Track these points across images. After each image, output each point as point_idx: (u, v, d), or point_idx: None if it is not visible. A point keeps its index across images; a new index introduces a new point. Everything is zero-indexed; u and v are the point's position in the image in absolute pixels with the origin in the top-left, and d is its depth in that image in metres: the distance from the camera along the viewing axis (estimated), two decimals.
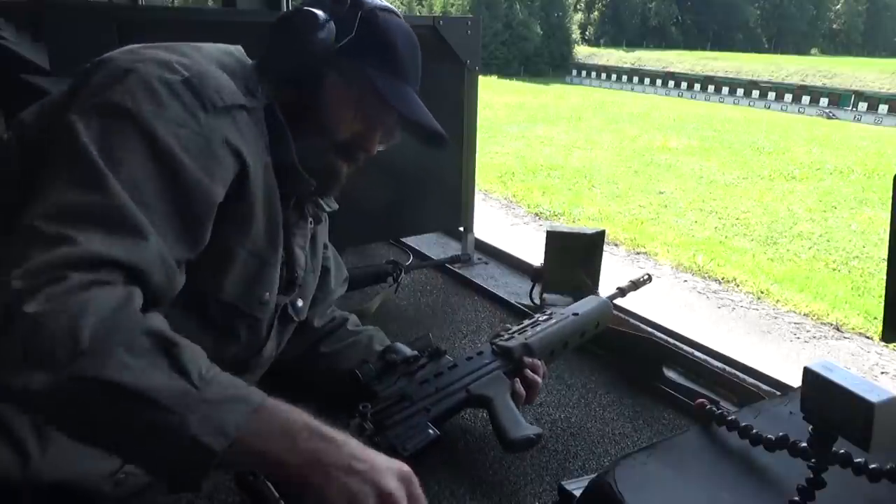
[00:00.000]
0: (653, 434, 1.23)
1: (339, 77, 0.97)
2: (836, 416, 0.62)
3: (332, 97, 0.97)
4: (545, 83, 30.12)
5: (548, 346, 1.23)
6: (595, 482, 0.75)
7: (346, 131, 0.99)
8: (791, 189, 10.05)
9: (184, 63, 0.85)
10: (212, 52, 0.93)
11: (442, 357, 1.13)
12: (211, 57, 0.92)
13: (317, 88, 0.97)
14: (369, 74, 0.96)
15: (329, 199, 1.20)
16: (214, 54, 0.93)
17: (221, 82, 0.87)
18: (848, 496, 0.69)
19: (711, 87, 25.74)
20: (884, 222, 7.44)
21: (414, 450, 0.97)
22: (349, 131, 0.99)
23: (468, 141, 2.04)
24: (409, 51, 1.01)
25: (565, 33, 40.31)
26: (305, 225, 1.10)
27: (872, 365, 4.82)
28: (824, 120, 20.24)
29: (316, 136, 0.98)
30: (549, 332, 1.24)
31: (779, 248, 7.28)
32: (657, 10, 53.90)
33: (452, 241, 2.34)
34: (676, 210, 8.73)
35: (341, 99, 0.97)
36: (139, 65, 0.82)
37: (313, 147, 0.98)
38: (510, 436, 1.07)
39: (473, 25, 1.94)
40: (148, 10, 2.67)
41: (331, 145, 0.99)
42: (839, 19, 60.03)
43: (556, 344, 1.25)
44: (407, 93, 1.00)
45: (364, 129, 1.00)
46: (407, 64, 1.00)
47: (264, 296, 0.98)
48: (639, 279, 1.44)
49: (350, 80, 0.97)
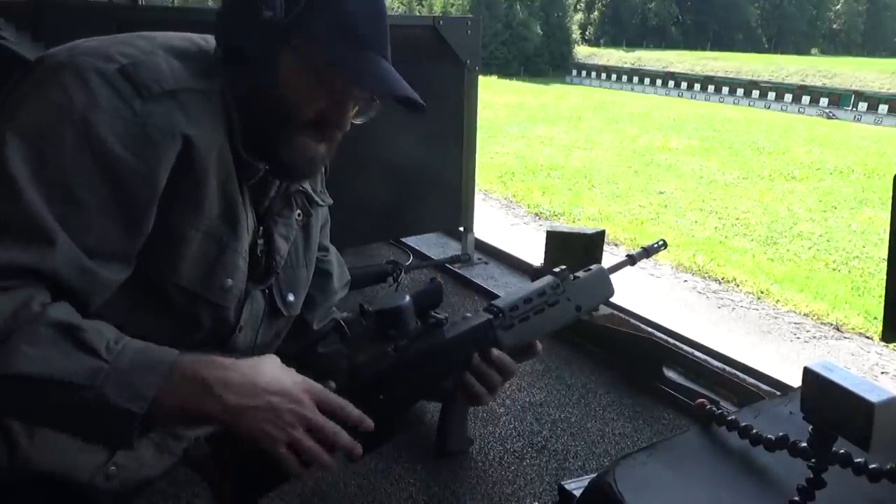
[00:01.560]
0: (653, 434, 1.23)
1: (293, 54, 0.90)
2: (836, 416, 0.62)
3: (288, 76, 0.90)
4: (545, 83, 30.11)
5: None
6: (595, 482, 0.75)
7: (311, 110, 0.92)
8: (791, 189, 10.05)
9: (123, 52, 0.85)
10: (164, 39, 0.92)
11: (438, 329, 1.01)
12: (159, 43, 0.90)
13: (271, 69, 0.91)
14: (324, 47, 0.89)
15: (323, 193, 1.19)
16: (166, 40, 0.92)
17: (161, 67, 0.85)
18: (848, 496, 0.69)
19: (711, 87, 25.71)
20: (884, 222, 7.44)
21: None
22: (314, 110, 0.92)
23: (468, 141, 2.04)
24: (369, 15, 0.92)
25: (565, 33, 40.29)
26: (291, 215, 1.08)
27: (872, 365, 4.82)
28: (824, 120, 20.23)
29: (279, 118, 0.92)
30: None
31: (779, 248, 7.28)
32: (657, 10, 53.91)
33: (452, 241, 2.34)
34: (676, 210, 8.73)
35: (298, 77, 0.90)
36: (75, 58, 0.83)
37: (279, 130, 0.93)
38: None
39: (473, 25, 1.94)
40: (148, 10, 2.67)
41: (298, 127, 0.93)
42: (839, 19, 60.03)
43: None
44: (369, 60, 0.91)
45: (331, 105, 0.93)
46: (367, 29, 0.92)
47: (226, 282, 0.96)
48: (651, 245, 1.25)
49: (305, 56, 0.89)
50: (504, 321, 1.03)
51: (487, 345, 1.02)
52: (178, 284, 0.91)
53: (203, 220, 0.91)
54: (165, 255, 0.89)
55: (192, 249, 0.91)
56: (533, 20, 37.03)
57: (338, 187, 1.29)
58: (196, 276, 0.92)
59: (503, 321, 1.03)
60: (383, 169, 1.84)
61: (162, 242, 0.87)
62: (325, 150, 0.97)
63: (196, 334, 0.97)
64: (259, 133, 0.94)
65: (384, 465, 1.08)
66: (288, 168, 0.98)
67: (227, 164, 0.93)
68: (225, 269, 0.95)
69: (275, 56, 0.90)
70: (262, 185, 1.01)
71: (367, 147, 1.76)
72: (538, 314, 1.06)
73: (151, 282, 0.89)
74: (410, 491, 1.04)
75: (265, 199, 1.03)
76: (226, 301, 0.97)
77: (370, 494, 1.03)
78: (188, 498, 0.99)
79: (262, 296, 1.06)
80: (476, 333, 1.01)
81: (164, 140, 0.83)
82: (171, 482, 1.01)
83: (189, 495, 0.99)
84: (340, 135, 0.97)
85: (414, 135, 1.89)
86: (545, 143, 13.44)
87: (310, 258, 1.16)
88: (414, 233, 2.21)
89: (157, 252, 0.87)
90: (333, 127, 0.95)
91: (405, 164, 1.90)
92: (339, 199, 1.27)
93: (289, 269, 1.11)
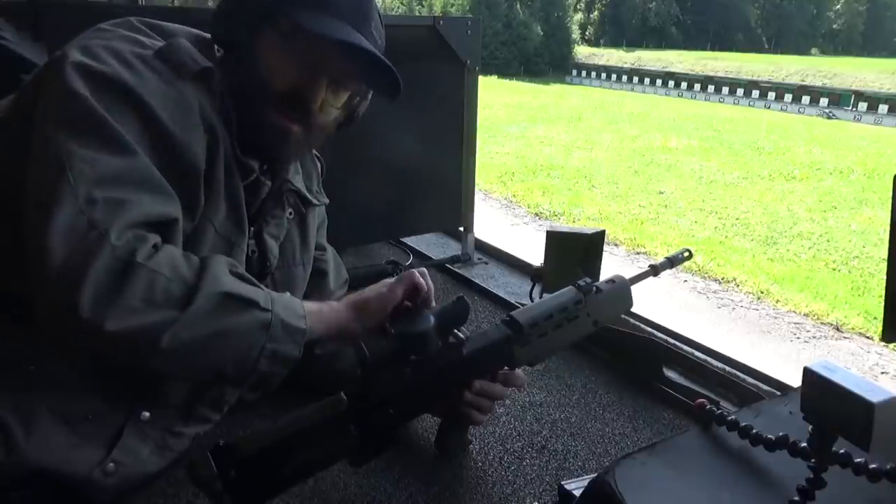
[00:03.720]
0: (653, 434, 1.22)
1: (271, 31, 0.93)
2: (836, 416, 0.62)
3: (263, 50, 0.93)
4: (545, 83, 30.11)
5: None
6: (595, 482, 0.74)
7: (283, 82, 0.93)
8: (791, 189, 10.05)
9: (145, 43, 0.88)
10: (173, 27, 0.96)
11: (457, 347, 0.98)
12: (175, 28, 0.96)
13: (253, 48, 0.94)
14: (296, 16, 0.91)
15: (319, 192, 1.19)
16: (176, 29, 0.96)
17: (191, 49, 0.90)
18: (848, 496, 0.69)
19: (711, 87, 25.72)
20: (884, 222, 7.43)
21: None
22: (286, 81, 0.93)
23: (468, 141, 2.04)
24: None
25: (565, 33, 40.26)
26: (282, 214, 1.09)
27: (872, 365, 4.82)
28: (824, 120, 20.24)
29: (255, 93, 0.94)
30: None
31: (779, 248, 7.28)
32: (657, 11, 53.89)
33: (452, 241, 2.34)
34: (676, 210, 8.73)
35: (272, 51, 0.93)
36: (111, 42, 0.85)
37: (254, 108, 0.94)
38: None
39: (473, 25, 1.94)
40: (148, 11, 2.67)
41: (270, 101, 0.94)
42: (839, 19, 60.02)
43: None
44: (337, 27, 0.92)
45: (303, 78, 0.94)
46: (342, 2, 0.93)
47: None
48: (676, 255, 1.19)
49: (281, 30, 0.93)
50: (522, 338, 1.00)
51: (503, 362, 1.01)
52: None
53: (218, 215, 0.93)
54: (189, 244, 0.89)
55: (208, 243, 0.92)
56: (533, 20, 37.01)
57: (338, 187, 1.29)
58: None
59: (521, 338, 1.00)
60: (383, 169, 1.84)
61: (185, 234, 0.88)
62: (299, 132, 0.97)
63: None
64: (241, 115, 0.96)
65: (384, 465, 1.08)
66: (260, 145, 0.98)
67: (230, 160, 0.94)
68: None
69: (257, 35, 0.93)
70: (254, 185, 1.02)
71: (367, 147, 1.76)
72: (557, 329, 1.03)
73: None
74: (410, 491, 1.04)
75: (256, 200, 1.04)
76: None
77: (370, 494, 1.03)
78: (188, 498, 0.99)
79: None
80: (493, 350, 0.99)
81: (198, 127, 0.87)
82: (172, 482, 1.01)
83: (189, 495, 0.99)
84: (317, 117, 0.97)
85: (414, 135, 1.89)
86: (545, 143, 13.44)
87: (307, 258, 1.16)
88: (414, 233, 2.21)
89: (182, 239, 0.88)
90: (307, 101, 0.95)
91: (405, 165, 1.90)
92: (339, 199, 1.27)
93: (284, 269, 1.11)
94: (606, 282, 1.09)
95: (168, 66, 0.86)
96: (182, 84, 0.86)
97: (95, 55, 0.82)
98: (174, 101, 0.84)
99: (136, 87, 0.81)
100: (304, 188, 1.14)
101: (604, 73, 31.78)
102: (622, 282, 1.10)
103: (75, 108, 0.78)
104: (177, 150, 0.84)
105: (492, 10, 35.02)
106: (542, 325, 1.01)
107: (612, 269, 1.21)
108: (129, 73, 0.82)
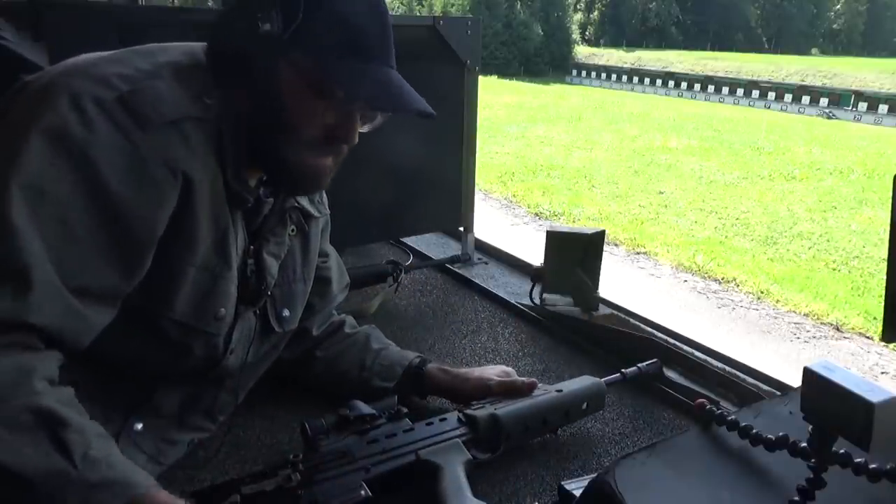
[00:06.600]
0: (653, 434, 1.22)
1: (294, 70, 0.85)
2: (836, 416, 0.62)
3: (290, 94, 0.86)
4: (545, 83, 30.10)
5: (520, 420, 1.11)
6: (595, 482, 0.74)
7: (316, 127, 0.89)
8: (791, 189, 10.04)
9: (122, 74, 0.81)
10: (167, 57, 0.88)
11: (402, 419, 1.05)
12: (162, 63, 0.86)
13: (272, 86, 0.86)
14: (325, 62, 0.84)
15: (321, 203, 1.17)
16: (169, 58, 0.88)
17: (162, 94, 0.82)
18: (848, 496, 0.69)
19: (711, 87, 25.69)
20: (884, 222, 7.43)
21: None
22: (319, 127, 0.89)
23: (468, 141, 2.04)
24: (371, 22, 0.87)
25: (565, 33, 40.24)
26: (283, 232, 1.06)
27: (872, 365, 4.81)
28: (824, 120, 20.22)
29: (285, 136, 0.89)
30: (523, 405, 1.12)
31: (779, 248, 7.28)
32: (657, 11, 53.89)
33: (452, 241, 2.34)
34: (676, 210, 8.72)
35: (301, 94, 0.86)
36: (72, 82, 0.79)
37: (286, 147, 0.90)
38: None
39: (473, 25, 1.94)
40: (148, 10, 2.67)
41: (306, 144, 0.90)
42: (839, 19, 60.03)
43: (532, 419, 1.12)
44: (372, 74, 0.87)
45: (337, 120, 0.90)
46: (369, 39, 0.87)
47: (219, 311, 0.95)
48: (645, 365, 1.31)
49: (306, 72, 0.85)
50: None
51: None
52: (173, 318, 0.90)
53: (197, 255, 0.89)
54: (161, 292, 0.88)
55: (187, 284, 0.90)
56: (533, 20, 37.00)
57: (338, 187, 1.28)
58: (190, 309, 0.92)
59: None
60: (383, 169, 1.84)
61: (158, 280, 0.86)
62: (332, 163, 0.96)
63: (189, 361, 0.97)
64: (264, 150, 0.91)
65: None
66: (296, 183, 0.97)
67: (219, 195, 0.90)
68: (218, 299, 0.94)
69: (275, 72, 0.86)
70: (255, 205, 0.99)
71: (367, 147, 1.74)
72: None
73: (146, 316, 0.89)
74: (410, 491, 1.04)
75: (258, 218, 1.02)
76: (219, 329, 0.97)
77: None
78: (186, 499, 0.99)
79: (253, 315, 1.05)
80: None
81: (165, 180, 0.81)
82: (168, 484, 1.00)
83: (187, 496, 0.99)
84: (348, 148, 0.95)
85: (414, 135, 1.89)
86: (545, 143, 13.43)
87: (308, 273, 1.14)
88: (414, 233, 2.21)
89: (153, 289, 0.86)
90: (342, 142, 0.93)
91: (405, 164, 1.90)
92: (339, 199, 1.27)
93: (284, 286, 1.09)
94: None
95: (128, 113, 0.79)
96: (142, 134, 0.79)
97: (46, 98, 0.77)
98: (128, 156, 0.78)
99: (80, 146, 0.76)
100: (308, 201, 1.11)
101: (604, 73, 31.76)
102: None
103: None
104: (124, 215, 0.78)
105: (492, 10, 35.00)
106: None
107: (612, 269, 1.21)
108: (79, 127, 0.76)
